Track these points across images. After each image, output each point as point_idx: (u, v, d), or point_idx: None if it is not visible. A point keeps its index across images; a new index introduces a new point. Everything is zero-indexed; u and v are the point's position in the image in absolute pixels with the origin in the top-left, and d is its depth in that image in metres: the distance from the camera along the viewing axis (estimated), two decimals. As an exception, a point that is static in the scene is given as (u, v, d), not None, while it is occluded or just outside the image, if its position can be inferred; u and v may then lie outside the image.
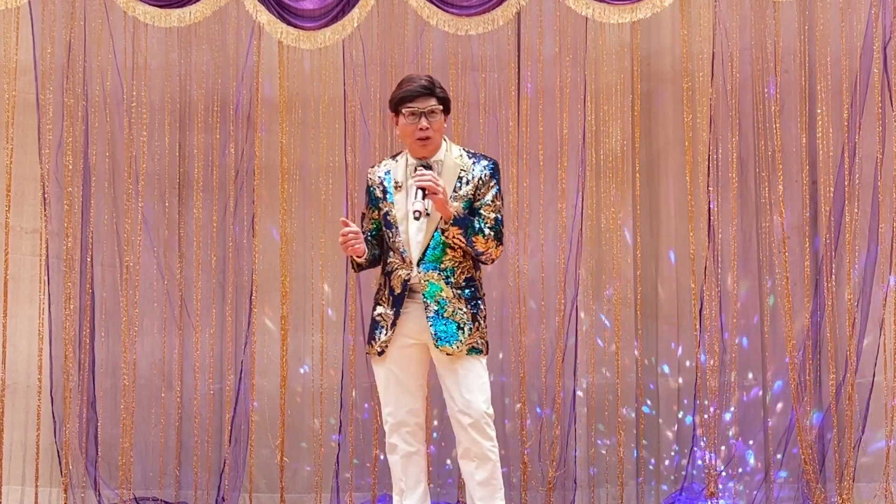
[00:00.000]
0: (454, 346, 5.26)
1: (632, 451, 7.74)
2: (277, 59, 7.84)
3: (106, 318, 7.87)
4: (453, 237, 5.26)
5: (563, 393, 7.65)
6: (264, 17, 7.58)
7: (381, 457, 7.68)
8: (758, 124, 7.58)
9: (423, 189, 5.18)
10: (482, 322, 5.34)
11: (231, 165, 7.96)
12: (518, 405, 7.68)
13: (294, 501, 7.82)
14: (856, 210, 7.34)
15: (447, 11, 7.51)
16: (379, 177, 5.47)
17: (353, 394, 7.77)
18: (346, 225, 5.33)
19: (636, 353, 7.79)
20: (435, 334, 5.26)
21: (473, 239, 5.26)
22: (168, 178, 7.99)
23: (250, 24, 7.83)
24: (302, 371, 7.94)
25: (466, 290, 5.33)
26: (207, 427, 7.84)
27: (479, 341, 5.31)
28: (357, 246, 5.32)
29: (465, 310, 5.30)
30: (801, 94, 7.49)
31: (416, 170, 5.27)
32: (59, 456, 7.71)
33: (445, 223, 5.24)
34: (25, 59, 7.76)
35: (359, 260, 5.41)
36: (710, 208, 7.58)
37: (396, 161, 5.48)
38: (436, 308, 5.28)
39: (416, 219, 5.21)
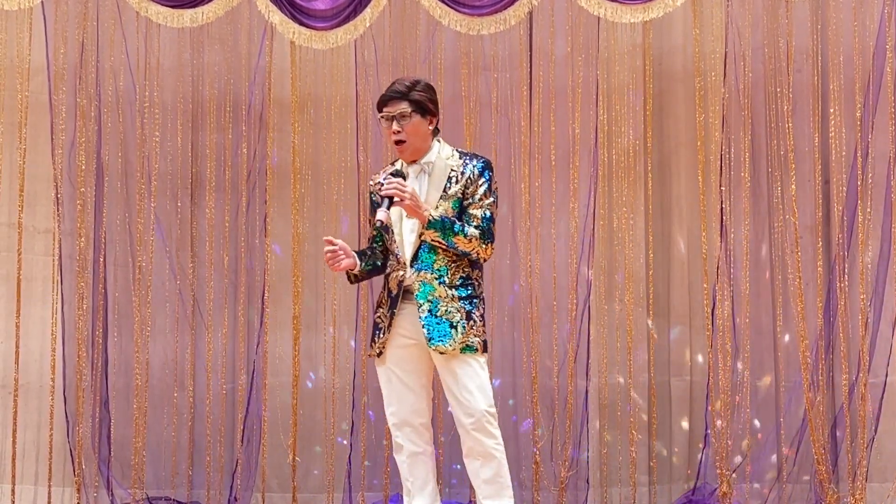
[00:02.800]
0: (447, 345, 5.24)
1: (644, 452, 7.73)
2: (290, 60, 7.86)
3: (118, 317, 7.88)
4: (431, 240, 5.27)
5: (574, 393, 7.65)
6: (276, 17, 7.58)
7: (393, 457, 7.69)
8: (770, 124, 7.57)
9: (391, 198, 5.20)
10: (478, 321, 5.31)
11: (243, 165, 7.97)
12: (530, 405, 7.67)
13: (306, 501, 7.83)
14: (868, 209, 7.32)
15: (459, 11, 7.50)
16: (378, 182, 5.47)
17: (366, 394, 7.77)
18: (330, 243, 5.35)
19: (648, 352, 7.78)
20: (428, 334, 5.25)
21: (454, 240, 5.25)
22: (180, 178, 8.01)
23: (262, 25, 7.85)
24: (314, 371, 7.95)
25: (461, 289, 5.31)
26: (220, 427, 7.85)
27: (473, 339, 5.27)
28: (343, 262, 5.34)
29: (458, 308, 5.29)
30: (814, 93, 7.48)
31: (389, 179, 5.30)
32: (71, 455, 7.73)
33: (423, 227, 5.25)
34: (38, 60, 7.77)
35: (354, 272, 5.44)
36: (722, 208, 7.57)
37: (394, 166, 5.49)
38: (428, 308, 5.27)
39: (378, 227, 5.26)
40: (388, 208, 5.23)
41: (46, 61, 7.78)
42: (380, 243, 5.49)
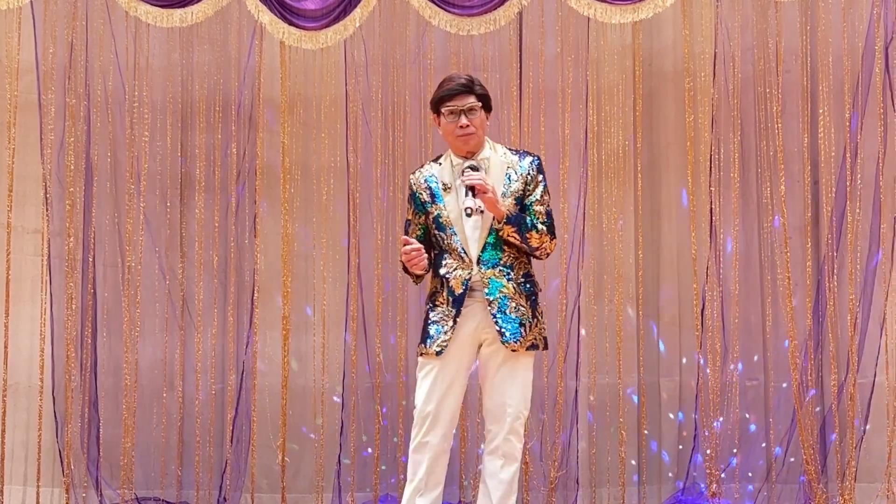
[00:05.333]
0: (519, 343, 5.27)
1: (634, 452, 7.74)
2: (279, 59, 7.85)
3: (108, 318, 7.87)
4: (508, 235, 5.28)
5: (564, 393, 7.66)
6: (266, 17, 7.58)
7: (384, 457, 7.70)
8: (759, 124, 7.59)
9: (472, 188, 5.19)
10: (541, 318, 5.38)
11: (233, 165, 7.96)
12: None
13: (295, 501, 7.82)
14: (857, 210, 7.34)
15: (449, 11, 7.51)
16: (424, 180, 5.44)
17: (355, 394, 7.77)
18: (408, 243, 5.29)
19: (637, 353, 7.79)
20: (501, 331, 5.27)
21: (528, 235, 5.29)
22: (170, 178, 8.00)
23: (252, 25, 7.84)
24: (303, 371, 7.94)
25: (526, 285, 5.35)
26: (209, 427, 7.84)
27: (538, 337, 5.33)
28: (424, 262, 5.32)
29: (526, 306, 5.32)
30: (803, 94, 7.50)
31: (462, 172, 5.27)
32: (60, 456, 7.72)
33: (499, 222, 5.26)
34: (27, 59, 7.76)
35: (420, 272, 5.41)
36: (711, 208, 7.58)
37: (440, 164, 5.46)
38: (498, 305, 5.29)
39: (468, 216, 5.23)
40: (474, 197, 5.19)
41: (35, 61, 7.77)
42: (423, 241, 5.43)
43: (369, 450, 7.77)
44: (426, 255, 5.34)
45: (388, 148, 7.83)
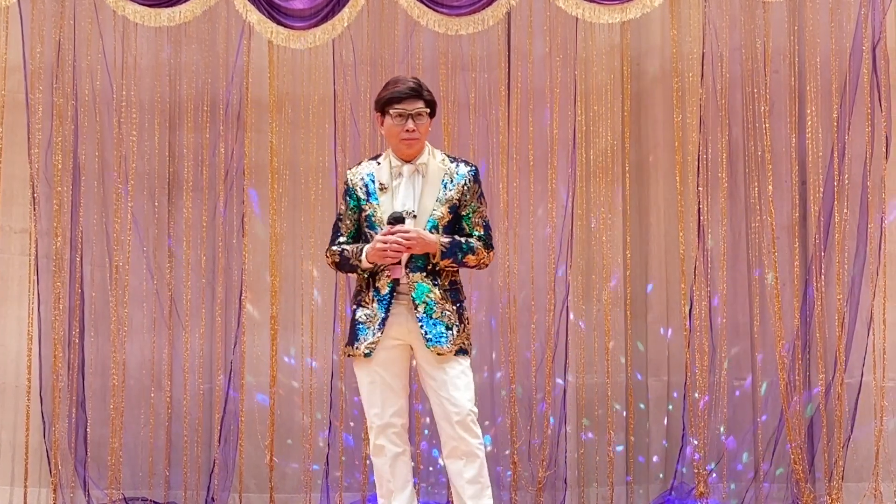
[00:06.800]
0: (445, 346, 5.29)
1: (621, 451, 7.74)
2: (267, 59, 7.84)
3: (95, 317, 7.86)
4: (446, 267, 5.34)
5: (552, 393, 7.66)
6: (254, 16, 7.57)
7: (370, 457, 7.68)
8: (747, 124, 7.60)
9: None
10: (467, 323, 5.41)
11: (221, 165, 7.95)
12: (508, 405, 7.68)
13: (284, 501, 7.82)
14: (845, 210, 7.36)
15: (437, 11, 7.51)
16: (361, 178, 5.46)
17: (343, 393, 7.77)
18: (392, 233, 5.29)
19: (625, 352, 7.80)
20: (425, 335, 5.29)
21: (465, 259, 5.36)
22: (158, 177, 7.98)
23: (240, 24, 7.83)
24: (291, 371, 7.94)
25: (452, 293, 5.39)
26: (197, 427, 7.83)
27: (465, 342, 5.37)
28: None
29: (452, 311, 5.35)
30: (791, 94, 7.51)
31: (390, 222, 5.28)
32: (48, 456, 7.70)
33: (436, 258, 5.30)
34: (15, 59, 7.74)
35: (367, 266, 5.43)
36: (699, 208, 7.59)
37: (379, 163, 5.48)
38: (424, 309, 5.31)
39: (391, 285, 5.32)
40: (404, 263, 5.29)
41: (23, 60, 7.75)
42: (355, 237, 5.47)
43: (357, 450, 7.77)
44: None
45: (377, 148, 7.81)
